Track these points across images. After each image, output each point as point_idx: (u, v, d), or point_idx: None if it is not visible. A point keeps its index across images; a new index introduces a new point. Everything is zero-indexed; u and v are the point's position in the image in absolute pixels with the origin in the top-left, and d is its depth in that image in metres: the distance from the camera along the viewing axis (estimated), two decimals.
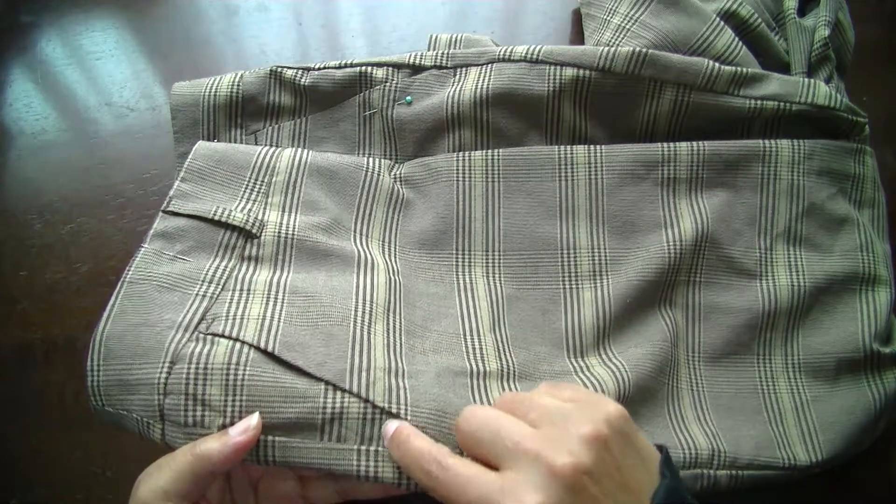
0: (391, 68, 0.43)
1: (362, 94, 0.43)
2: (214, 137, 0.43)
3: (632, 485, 0.27)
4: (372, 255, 0.38)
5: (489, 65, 0.42)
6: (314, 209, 0.39)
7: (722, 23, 0.43)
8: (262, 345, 0.32)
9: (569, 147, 0.41)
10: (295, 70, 0.43)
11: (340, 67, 0.43)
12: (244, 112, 0.43)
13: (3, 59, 0.53)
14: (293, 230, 0.38)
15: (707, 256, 0.40)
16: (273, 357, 0.32)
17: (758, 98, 0.41)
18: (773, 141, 0.41)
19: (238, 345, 0.32)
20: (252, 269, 0.36)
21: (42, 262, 0.46)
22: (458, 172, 0.41)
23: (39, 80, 0.52)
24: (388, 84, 0.43)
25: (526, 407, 0.30)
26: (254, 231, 0.37)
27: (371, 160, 0.42)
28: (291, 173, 0.40)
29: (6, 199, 0.48)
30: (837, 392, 0.38)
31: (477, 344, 0.37)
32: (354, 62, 0.43)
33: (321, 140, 0.43)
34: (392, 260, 0.39)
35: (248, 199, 0.39)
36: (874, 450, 0.38)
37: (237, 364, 0.31)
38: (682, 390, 0.38)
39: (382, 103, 0.43)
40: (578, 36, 0.50)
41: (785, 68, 0.45)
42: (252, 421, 0.30)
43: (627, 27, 0.44)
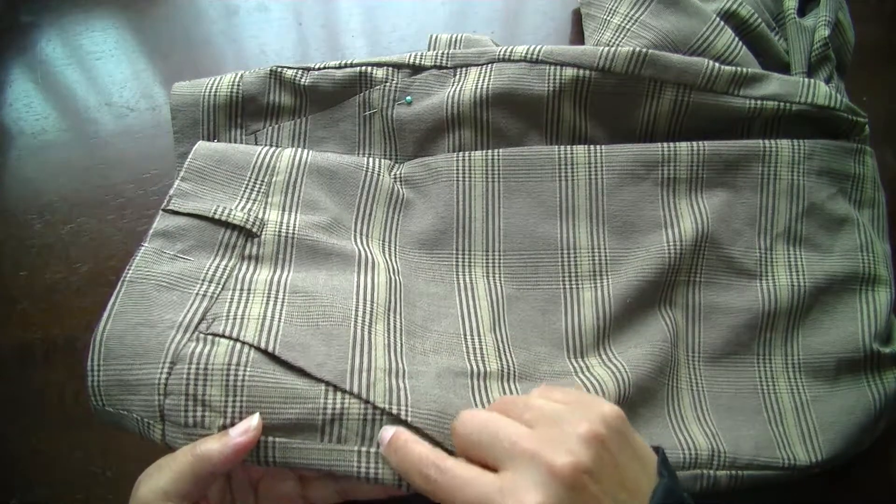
0: (391, 68, 0.43)
1: (362, 94, 0.43)
2: (214, 137, 0.43)
3: (630, 484, 0.27)
4: (372, 255, 0.38)
5: (489, 65, 0.42)
6: (314, 209, 0.39)
7: (722, 23, 0.43)
8: (263, 345, 0.32)
9: (569, 147, 0.41)
10: (295, 70, 0.43)
11: (340, 67, 0.43)
12: (244, 112, 0.43)
13: (3, 59, 0.53)
14: (293, 229, 0.38)
15: (707, 256, 0.40)
16: (273, 357, 0.32)
17: (758, 98, 0.41)
18: (773, 141, 0.41)
19: (238, 345, 0.32)
20: (252, 269, 0.36)
21: (42, 262, 0.46)
22: (458, 172, 0.41)
23: (39, 80, 0.52)
24: (388, 84, 0.43)
25: (520, 409, 0.30)
26: (254, 230, 0.37)
27: (371, 160, 0.42)
28: (291, 173, 0.40)
29: (6, 199, 0.48)
30: (837, 392, 0.38)
31: (477, 344, 0.37)
32: (354, 62, 0.43)
33: (321, 140, 0.43)
34: (392, 260, 0.39)
35: (249, 199, 0.39)
36: (874, 450, 0.38)
37: (237, 364, 0.31)
38: (682, 390, 0.38)
39: (382, 103, 0.43)
40: (578, 36, 0.50)
41: (785, 68, 0.45)
42: (252, 422, 0.30)
43: (627, 27, 0.44)
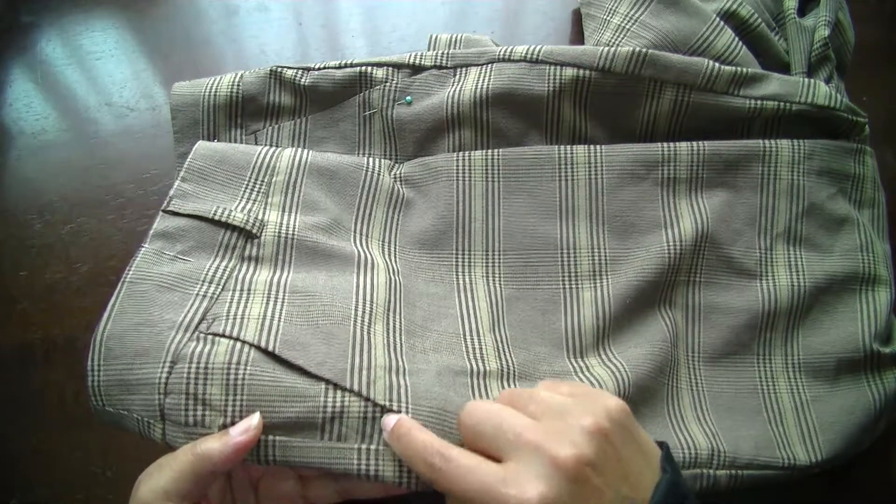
0: (391, 68, 0.43)
1: (362, 94, 0.43)
2: (214, 137, 0.43)
3: (633, 477, 0.27)
4: (372, 256, 0.38)
5: (489, 65, 0.42)
6: (314, 209, 0.39)
7: (722, 23, 0.43)
8: (263, 344, 0.32)
9: (569, 147, 0.41)
10: (295, 70, 0.43)
11: (340, 67, 0.43)
12: (244, 112, 0.43)
13: (3, 59, 0.53)
14: (293, 230, 0.38)
15: (707, 256, 0.40)
16: (273, 356, 0.32)
17: (758, 98, 0.41)
18: (773, 141, 0.41)
19: (239, 344, 0.32)
20: (252, 269, 0.36)
21: (42, 262, 0.46)
22: (458, 172, 0.41)
23: (39, 80, 0.52)
24: (388, 84, 0.43)
25: (526, 401, 0.30)
26: (254, 231, 0.37)
27: (371, 160, 0.42)
28: (291, 173, 0.40)
29: (6, 199, 0.48)
30: (837, 392, 0.38)
31: (477, 344, 0.37)
32: (354, 62, 0.43)
33: (321, 140, 0.43)
34: (392, 260, 0.39)
35: (249, 199, 0.39)
36: (874, 450, 0.38)
37: (238, 364, 0.31)
38: (682, 390, 0.38)
39: (382, 103, 0.43)
40: (578, 36, 0.50)
41: (785, 68, 0.45)
42: (253, 421, 0.30)
43: (627, 27, 0.44)
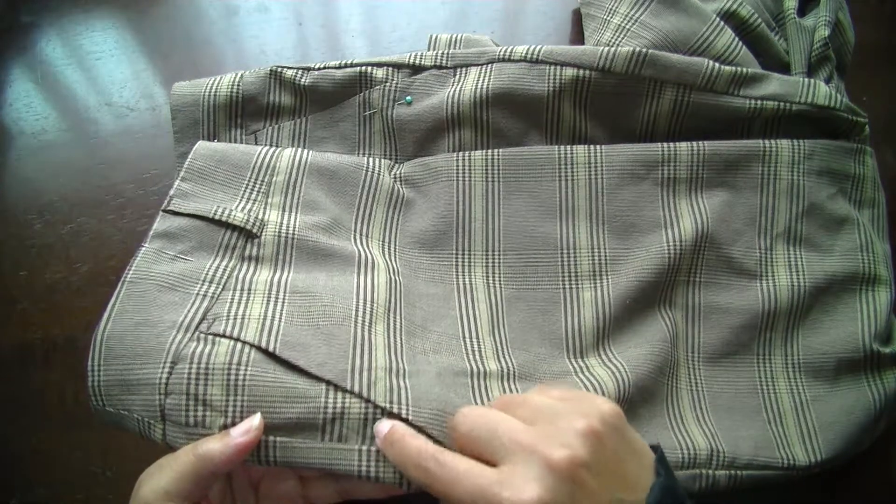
0: (391, 68, 0.43)
1: (362, 94, 0.43)
2: (214, 137, 0.43)
3: (628, 480, 0.27)
4: (372, 256, 0.38)
5: (489, 65, 0.42)
6: (314, 209, 0.39)
7: (722, 23, 0.43)
8: (264, 345, 0.32)
9: (569, 147, 0.41)
10: (295, 70, 0.43)
11: (340, 67, 0.43)
12: (244, 112, 0.43)
13: (3, 59, 0.53)
14: (293, 230, 0.38)
15: (707, 256, 0.40)
16: (274, 357, 0.32)
17: (758, 98, 0.41)
18: (773, 141, 0.41)
19: (239, 345, 0.32)
20: (253, 269, 0.36)
21: (42, 262, 0.46)
22: (458, 172, 0.41)
23: (39, 80, 0.52)
24: (388, 84, 0.43)
25: (519, 405, 0.30)
26: (254, 231, 0.37)
27: (371, 160, 0.42)
28: (292, 173, 0.40)
29: (6, 199, 0.48)
30: (837, 392, 0.38)
31: (476, 346, 0.37)
32: (354, 62, 0.43)
33: (321, 140, 0.43)
34: (392, 260, 0.39)
35: (249, 199, 0.39)
36: (874, 450, 0.38)
37: (238, 364, 0.31)
38: (682, 390, 0.38)
39: (382, 103, 0.43)
40: (578, 36, 0.50)
41: (785, 68, 0.45)
42: (254, 422, 0.30)
43: (627, 27, 0.44)
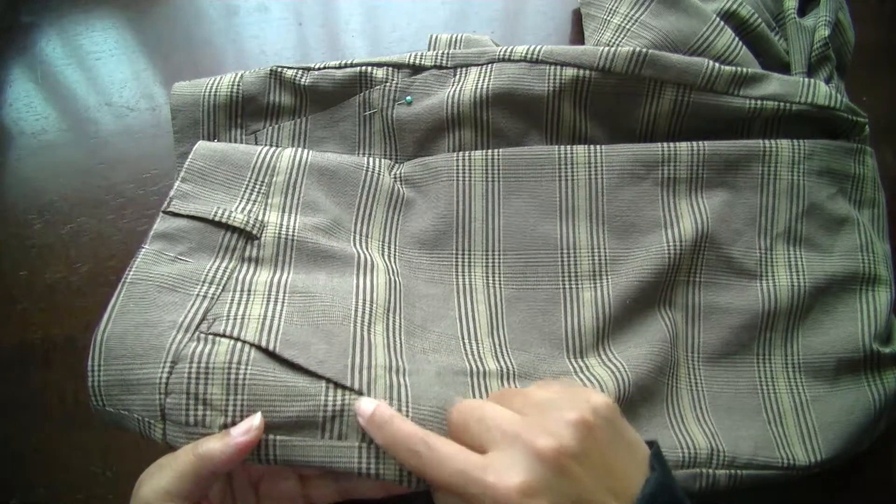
0: (391, 68, 0.43)
1: (362, 94, 0.43)
2: (214, 137, 0.43)
3: (619, 473, 0.28)
4: (371, 257, 0.38)
5: (489, 65, 0.42)
6: (314, 210, 0.39)
7: (722, 23, 0.43)
8: (264, 344, 0.32)
9: (569, 147, 0.41)
10: (295, 70, 0.43)
11: (340, 67, 0.43)
12: (244, 112, 0.43)
13: (3, 59, 0.53)
14: (293, 231, 0.38)
15: (707, 256, 0.40)
16: (274, 356, 0.32)
17: (758, 98, 0.41)
18: (773, 141, 0.41)
19: (239, 344, 0.32)
20: (252, 270, 0.36)
21: (42, 262, 0.46)
22: (458, 172, 0.41)
23: (39, 80, 0.52)
24: (388, 84, 0.43)
25: (513, 397, 0.31)
26: (254, 232, 0.37)
27: (371, 160, 0.42)
28: (292, 173, 0.40)
29: (6, 199, 0.48)
30: (837, 392, 0.38)
31: (475, 347, 0.37)
32: (354, 62, 0.43)
33: (321, 140, 0.43)
34: (392, 260, 0.39)
35: (249, 200, 0.39)
36: (874, 450, 0.38)
37: (238, 363, 0.31)
38: (682, 390, 0.38)
39: (382, 103, 0.43)
40: (578, 36, 0.50)
41: (785, 68, 0.45)
42: (254, 421, 0.30)
43: (627, 27, 0.44)
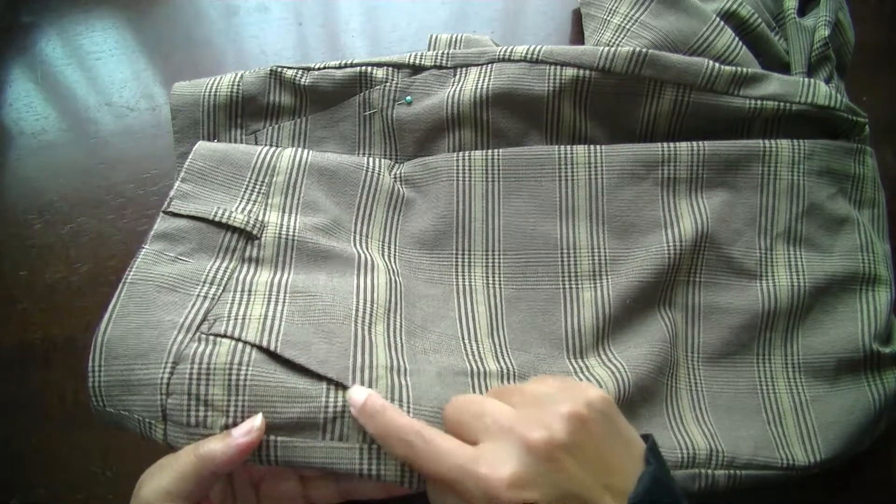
0: (391, 68, 0.43)
1: (362, 94, 0.43)
2: (214, 137, 0.43)
3: (614, 468, 0.28)
4: (372, 257, 0.38)
5: (489, 65, 0.42)
6: (314, 210, 0.39)
7: (722, 23, 0.43)
8: (265, 344, 0.32)
9: (569, 147, 0.41)
10: (295, 70, 0.43)
11: (340, 67, 0.43)
12: (244, 112, 0.43)
13: (3, 59, 0.52)
14: (293, 232, 0.38)
15: (707, 256, 0.40)
16: (275, 357, 0.32)
17: (758, 98, 0.41)
18: (773, 141, 0.41)
19: (240, 345, 0.32)
20: (253, 271, 0.36)
21: (42, 262, 0.46)
22: (458, 172, 0.41)
23: (39, 80, 0.52)
24: (388, 84, 0.43)
25: (509, 392, 0.31)
26: (254, 232, 0.37)
27: (371, 160, 0.42)
28: (292, 174, 0.40)
29: (6, 199, 0.48)
30: (837, 392, 0.38)
31: (475, 348, 0.37)
32: (354, 62, 0.43)
33: (321, 140, 0.43)
34: (392, 261, 0.39)
35: (249, 200, 0.39)
36: (874, 450, 0.38)
37: (240, 364, 0.31)
38: (681, 390, 0.38)
39: (382, 103, 0.43)
40: (578, 36, 0.50)
41: (785, 68, 0.45)
42: (255, 422, 0.30)
43: (627, 27, 0.44)
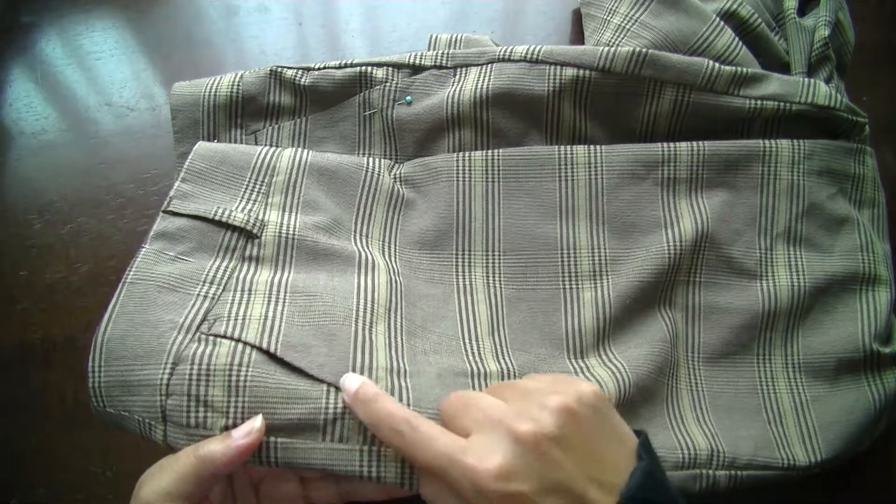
0: (391, 68, 0.43)
1: (362, 94, 0.43)
2: (214, 137, 0.43)
3: (605, 462, 0.28)
4: (372, 256, 0.38)
5: (489, 65, 0.42)
6: (314, 209, 0.39)
7: (722, 23, 0.43)
8: (265, 346, 0.32)
9: (569, 147, 0.41)
10: (295, 70, 0.43)
11: (340, 67, 0.43)
12: (244, 112, 0.43)
13: (3, 59, 0.52)
14: (294, 230, 0.37)
15: (707, 256, 0.40)
16: (275, 358, 0.32)
17: (758, 98, 0.41)
18: (773, 141, 0.41)
19: (240, 346, 0.32)
20: (253, 270, 0.36)
21: (42, 262, 0.46)
22: (458, 172, 0.41)
23: (39, 80, 0.52)
24: (388, 84, 0.43)
25: (502, 388, 0.31)
26: (254, 231, 0.37)
27: (371, 160, 0.42)
28: (292, 173, 0.40)
29: (6, 199, 0.48)
30: (837, 392, 0.38)
31: (475, 348, 0.37)
32: (354, 62, 0.43)
33: (321, 140, 0.43)
34: (392, 261, 0.39)
35: (249, 200, 0.39)
36: (874, 450, 0.38)
37: (240, 365, 0.31)
38: (682, 390, 0.38)
39: (382, 103, 0.43)
40: (578, 36, 0.50)
41: (785, 68, 0.45)
42: (255, 423, 0.30)
43: (627, 27, 0.44)
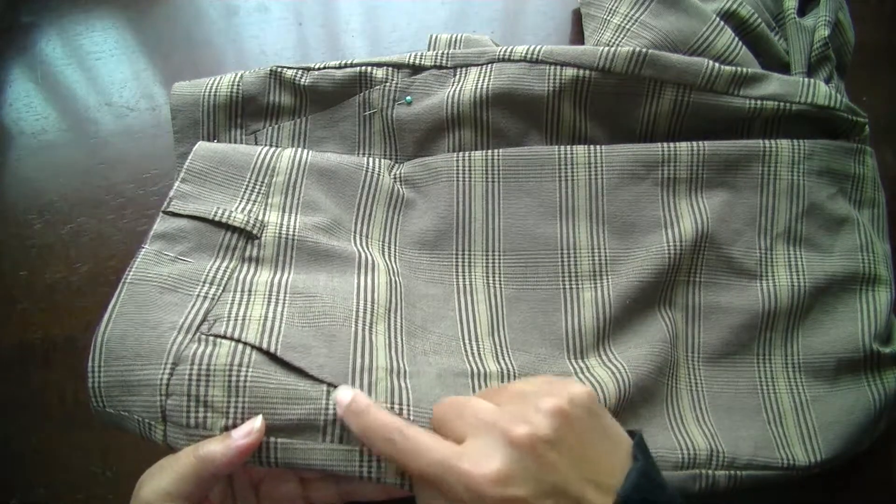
0: (391, 68, 0.43)
1: (362, 94, 0.43)
2: (214, 137, 0.43)
3: (599, 463, 0.28)
4: (372, 256, 0.38)
5: (489, 65, 0.42)
6: (314, 210, 0.39)
7: (722, 23, 0.43)
8: (265, 346, 0.32)
9: (569, 147, 0.41)
10: (295, 70, 0.43)
11: (340, 67, 0.43)
12: (244, 112, 0.43)
13: (3, 59, 0.52)
14: (293, 231, 0.37)
15: (707, 256, 0.40)
16: (275, 358, 0.32)
17: (758, 98, 0.41)
18: (773, 141, 0.41)
19: (240, 346, 0.32)
20: (253, 270, 0.36)
21: (42, 262, 0.46)
22: (458, 172, 0.41)
23: (39, 80, 0.52)
24: (388, 84, 0.43)
25: (495, 392, 0.31)
26: (254, 232, 0.37)
27: (371, 160, 0.42)
28: (291, 174, 0.40)
29: (6, 199, 0.48)
30: (837, 392, 0.38)
31: (475, 348, 0.37)
32: (354, 62, 0.43)
33: (321, 140, 0.43)
34: (392, 261, 0.39)
35: (249, 200, 0.39)
36: (874, 450, 0.38)
37: (240, 365, 0.31)
38: (682, 391, 0.38)
39: (382, 103, 0.43)
40: (578, 36, 0.50)
41: (785, 68, 0.45)
42: (255, 424, 0.30)
43: (627, 27, 0.44)
